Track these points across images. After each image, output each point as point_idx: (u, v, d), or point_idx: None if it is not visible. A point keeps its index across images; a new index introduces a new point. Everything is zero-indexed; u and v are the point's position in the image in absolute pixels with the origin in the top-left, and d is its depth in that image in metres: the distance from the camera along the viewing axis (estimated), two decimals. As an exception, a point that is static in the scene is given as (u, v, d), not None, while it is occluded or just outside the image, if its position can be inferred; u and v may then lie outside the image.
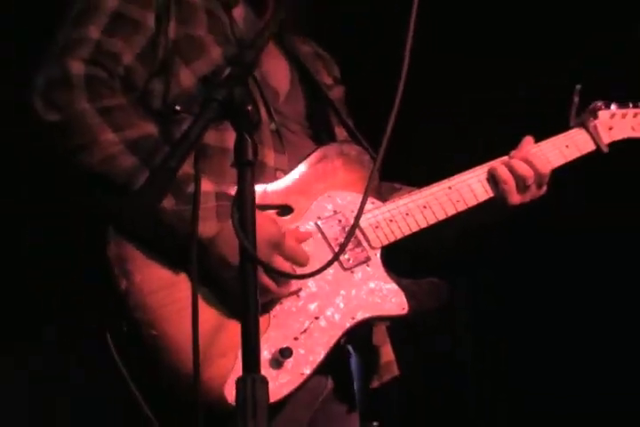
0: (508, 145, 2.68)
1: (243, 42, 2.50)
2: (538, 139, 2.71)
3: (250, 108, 1.81)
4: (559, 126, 2.77)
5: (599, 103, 2.81)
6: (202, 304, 2.14)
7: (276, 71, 2.62)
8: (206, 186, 2.18)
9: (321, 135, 2.64)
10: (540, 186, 2.63)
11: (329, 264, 2.01)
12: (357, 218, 2.04)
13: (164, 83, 2.38)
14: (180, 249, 2.11)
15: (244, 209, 1.81)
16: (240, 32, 2.54)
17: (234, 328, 2.06)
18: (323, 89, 2.71)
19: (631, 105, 2.88)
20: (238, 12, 2.60)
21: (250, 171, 1.81)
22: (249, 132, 1.82)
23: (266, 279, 2.21)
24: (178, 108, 2.16)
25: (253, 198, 1.82)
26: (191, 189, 1.81)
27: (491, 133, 3.78)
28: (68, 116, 2.23)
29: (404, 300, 2.38)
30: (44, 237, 3.60)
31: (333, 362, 2.32)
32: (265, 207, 2.32)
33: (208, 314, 2.17)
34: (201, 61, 2.40)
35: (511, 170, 2.58)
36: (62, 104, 2.23)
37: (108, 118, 2.23)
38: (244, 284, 1.79)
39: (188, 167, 1.98)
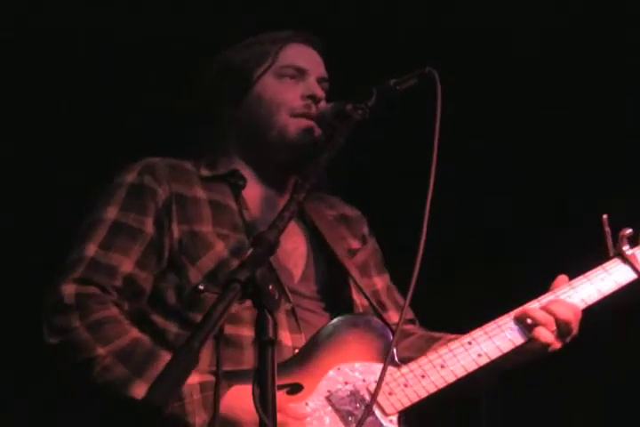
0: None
1: (255, 225, 2.58)
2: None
3: (271, 287, 1.88)
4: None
5: (629, 230, 2.61)
6: None
7: (293, 250, 2.66)
8: (191, 378, 2.14)
9: (340, 308, 2.65)
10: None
11: None
12: (376, 392, 2.07)
13: (175, 280, 2.52)
14: None
15: (265, 386, 1.84)
16: (252, 215, 2.63)
17: None
18: (340, 260, 2.69)
19: None
20: (251, 193, 2.68)
21: (271, 349, 1.85)
22: (270, 310, 1.87)
23: None
24: (201, 287, 2.22)
25: (274, 376, 1.85)
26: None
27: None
28: (66, 337, 2.41)
29: None
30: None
31: None
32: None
33: None
34: (206, 258, 2.53)
35: (552, 314, 2.48)
36: (60, 327, 2.42)
37: (97, 333, 2.40)
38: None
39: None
